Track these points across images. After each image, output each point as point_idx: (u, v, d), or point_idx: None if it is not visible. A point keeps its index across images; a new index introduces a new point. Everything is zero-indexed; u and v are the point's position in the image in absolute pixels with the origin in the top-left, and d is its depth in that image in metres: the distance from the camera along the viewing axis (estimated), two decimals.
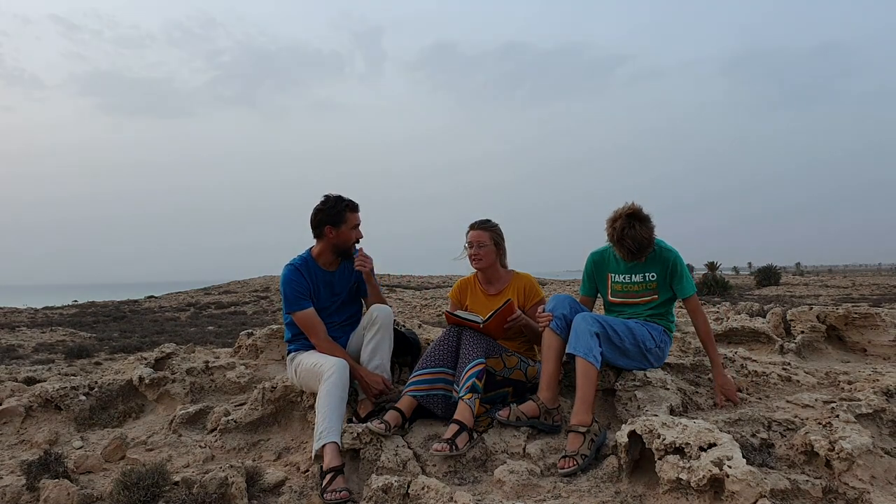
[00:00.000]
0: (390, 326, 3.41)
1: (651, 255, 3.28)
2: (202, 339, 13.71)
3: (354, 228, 3.42)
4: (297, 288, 3.35)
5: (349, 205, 3.40)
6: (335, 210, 3.37)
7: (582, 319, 3.09)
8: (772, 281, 35.12)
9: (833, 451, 2.43)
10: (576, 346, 3.00)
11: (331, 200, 3.40)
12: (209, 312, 26.08)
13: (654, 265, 3.29)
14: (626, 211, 3.16)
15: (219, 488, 2.61)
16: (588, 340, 3.00)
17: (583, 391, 2.93)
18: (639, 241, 3.13)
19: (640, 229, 3.13)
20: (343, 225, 3.38)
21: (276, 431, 3.48)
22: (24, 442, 3.60)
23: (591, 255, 3.50)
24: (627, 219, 3.14)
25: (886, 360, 4.17)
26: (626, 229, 3.13)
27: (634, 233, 3.12)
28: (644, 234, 3.13)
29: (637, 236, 3.12)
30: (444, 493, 2.47)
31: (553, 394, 3.11)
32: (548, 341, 3.15)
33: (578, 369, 2.97)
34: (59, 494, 2.68)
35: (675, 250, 3.30)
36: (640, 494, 2.50)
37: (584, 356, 2.96)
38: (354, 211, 3.42)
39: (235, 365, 4.34)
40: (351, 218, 3.40)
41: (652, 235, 3.18)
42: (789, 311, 4.75)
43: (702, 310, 3.29)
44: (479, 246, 3.50)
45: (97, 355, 11.43)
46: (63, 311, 27.36)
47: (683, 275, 3.26)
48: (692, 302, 3.27)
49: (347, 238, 3.41)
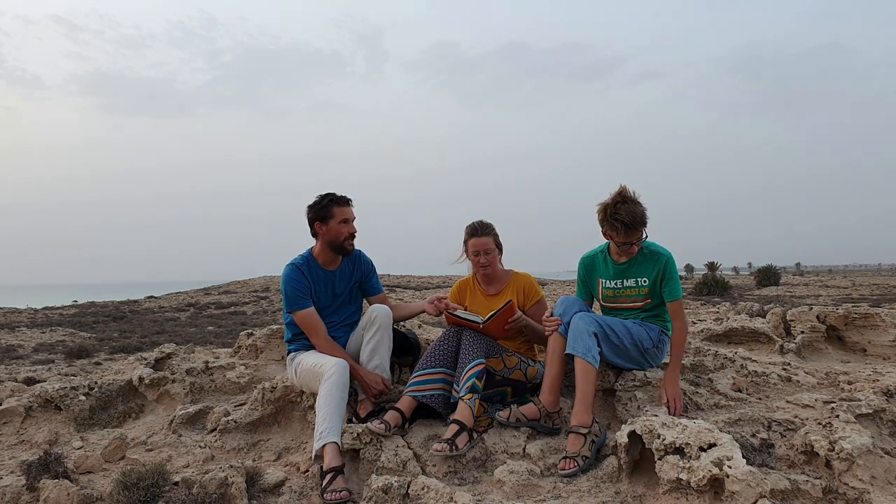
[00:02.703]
0: (389, 326, 3.41)
1: (641, 257, 3.25)
2: (202, 339, 13.72)
3: (344, 223, 3.39)
4: (298, 287, 3.35)
5: (334, 199, 3.39)
6: (321, 206, 3.38)
7: (580, 319, 3.08)
8: (772, 281, 35.14)
9: (833, 452, 2.43)
10: (574, 346, 3.01)
11: (318, 197, 3.41)
12: (209, 312, 26.08)
13: (646, 269, 3.25)
14: (618, 191, 3.14)
15: (219, 488, 2.61)
16: (587, 340, 3.00)
17: (582, 391, 2.93)
18: (632, 213, 3.07)
19: (633, 205, 3.09)
20: (331, 220, 3.37)
21: (276, 431, 3.48)
22: (24, 442, 3.60)
23: (582, 260, 3.48)
24: (619, 195, 3.12)
25: (886, 360, 4.17)
26: (619, 204, 3.09)
27: (628, 207, 3.08)
28: (638, 210, 3.08)
29: (631, 210, 3.08)
30: (444, 493, 2.48)
31: (555, 397, 3.10)
32: (553, 345, 3.14)
33: (577, 369, 2.97)
34: (59, 494, 2.68)
35: (668, 252, 3.26)
36: (640, 494, 2.51)
37: (583, 356, 2.96)
38: (341, 205, 3.40)
39: (235, 365, 4.34)
40: (338, 212, 3.38)
41: (645, 212, 3.10)
42: (789, 312, 4.74)
43: (683, 316, 3.23)
44: (486, 253, 3.47)
45: (97, 355, 11.43)
46: (63, 311, 27.37)
47: (673, 277, 3.22)
48: (676, 305, 3.21)
49: (338, 233, 3.39)
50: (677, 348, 3.17)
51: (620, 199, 3.11)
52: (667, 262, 3.22)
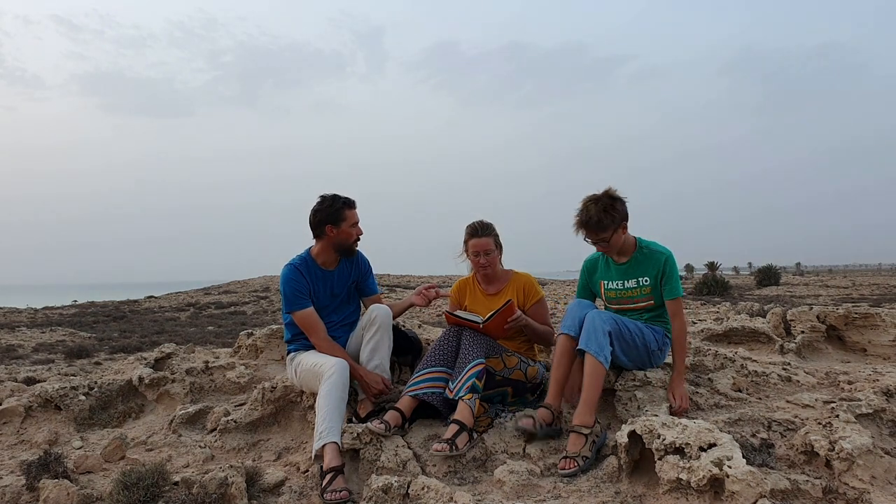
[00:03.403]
0: (389, 326, 3.42)
1: (641, 257, 3.25)
2: (202, 339, 13.72)
3: (354, 226, 3.44)
4: (297, 287, 3.35)
5: (346, 202, 3.42)
6: (334, 209, 3.39)
7: (597, 315, 3.04)
8: (772, 281, 35.13)
9: (833, 451, 2.43)
10: (588, 342, 2.95)
11: (328, 200, 3.42)
12: (209, 312, 26.08)
13: (647, 269, 3.25)
14: (596, 193, 3.18)
15: (219, 488, 2.61)
16: (601, 339, 2.96)
17: (588, 391, 2.89)
18: (589, 214, 3.11)
19: (596, 206, 3.11)
20: (343, 223, 3.40)
21: (276, 431, 3.48)
22: (23, 442, 3.60)
23: (584, 263, 3.49)
24: (589, 196, 3.16)
25: (886, 360, 4.17)
26: (587, 203, 3.14)
27: (591, 207, 3.12)
28: (598, 211, 3.09)
29: (591, 210, 3.11)
30: (444, 493, 2.47)
31: (561, 399, 3.09)
32: (563, 346, 3.09)
33: (587, 367, 2.92)
34: (59, 494, 2.68)
35: (668, 251, 3.25)
36: (640, 494, 2.50)
37: (595, 354, 2.91)
38: (352, 208, 3.44)
39: (235, 365, 4.34)
40: (350, 215, 3.42)
41: (608, 216, 3.10)
42: (789, 311, 4.74)
43: (683, 315, 3.23)
44: (486, 253, 3.48)
45: (97, 355, 11.44)
46: (63, 311, 27.37)
47: (673, 276, 3.21)
48: (676, 304, 3.21)
49: (348, 235, 3.43)
50: (680, 348, 3.16)
51: (589, 200, 3.16)
52: (666, 260, 3.22)
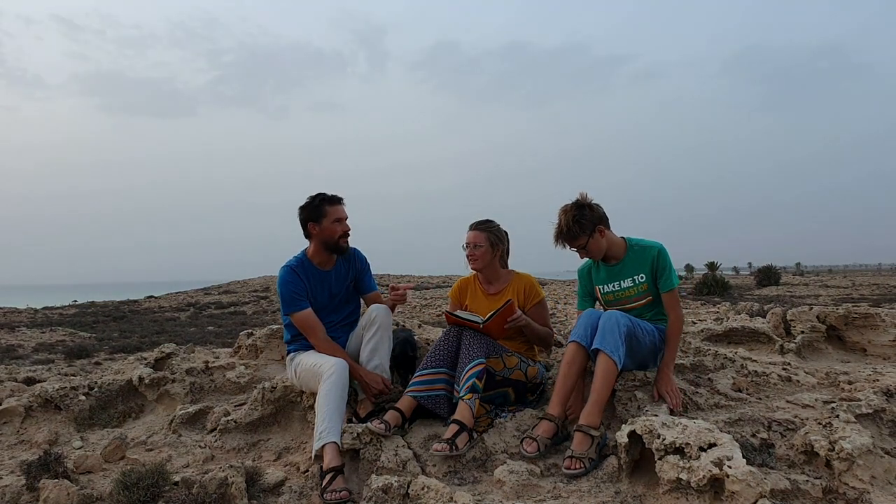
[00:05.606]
0: (389, 326, 3.42)
1: (632, 254, 3.26)
2: (202, 339, 13.72)
3: (337, 222, 3.40)
4: (294, 289, 3.35)
5: (326, 199, 3.41)
6: (313, 206, 3.39)
7: (612, 314, 3.02)
8: (772, 281, 35.11)
9: (833, 451, 2.43)
10: (602, 342, 2.92)
11: (310, 198, 3.42)
12: (209, 312, 26.08)
13: (641, 266, 3.24)
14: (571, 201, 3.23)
15: (219, 488, 2.61)
16: (616, 339, 2.93)
17: (599, 391, 2.86)
18: (560, 223, 3.19)
19: (565, 215, 3.17)
20: (324, 219, 3.38)
21: (275, 431, 3.48)
22: (23, 442, 3.60)
23: (578, 272, 3.51)
24: (565, 205, 3.22)
25: (886, 360, 4.17)
26: (563, 212, 3.20)
27: (563, 216, 3.18)
28: (567, 221, 3.16)
29: (562, 220, 3.18)
30: (444, 493, 2.47)
31: (564, 408, 3.03)
32: (572, 354, 3.04)
33: (599, 367, 2.89)
34: (59, 494, 2.68)
35: (659, 244, 3.24)
36: (640, 494, 2.50)
37: (610, 354, 2.88)
38: (334, 204, 3.42)
39: (235, 365, 4.35)
40: (331, 211, 3.39)
41: (577, 224, 3.15)
42: (789, 311, 4.74)
43: (679, 307, 3.20)
44: (475, 246, 3.51)
45: (97, 355, 11.43)
46: (63, 311, 27.36)
47: (667, 267, 3.20)
48: (672, 296, 3.19)
49: (332, 232, 3.40)
50: (673, 341, 3.14)
51: (560, 211, 3.20)
52: (658, 252, 3.21)
